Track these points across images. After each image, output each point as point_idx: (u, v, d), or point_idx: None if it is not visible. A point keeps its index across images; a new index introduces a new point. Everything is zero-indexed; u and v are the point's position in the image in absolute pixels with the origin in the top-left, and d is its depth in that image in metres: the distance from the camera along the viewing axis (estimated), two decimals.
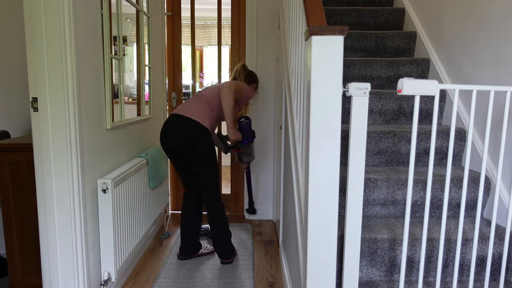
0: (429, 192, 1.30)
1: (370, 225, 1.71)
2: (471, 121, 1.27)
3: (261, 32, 3.16)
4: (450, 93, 2.18)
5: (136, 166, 2.25)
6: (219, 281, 2.22)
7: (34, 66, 1.60)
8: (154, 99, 2.92)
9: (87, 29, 1.78)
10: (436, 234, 1.64)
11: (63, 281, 1.75)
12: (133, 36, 2.53)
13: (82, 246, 1.75)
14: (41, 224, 1.70)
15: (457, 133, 1.98)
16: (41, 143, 1.65)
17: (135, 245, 2.27)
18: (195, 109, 2.31)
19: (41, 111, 1.63)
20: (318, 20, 1.33)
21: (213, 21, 5.46)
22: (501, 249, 1.61)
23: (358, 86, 1.25)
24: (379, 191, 1.79)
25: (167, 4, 3.25)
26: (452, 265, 1.63)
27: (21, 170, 1.91)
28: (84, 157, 1.77)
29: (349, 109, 2.17)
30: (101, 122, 1.95)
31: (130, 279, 2.26)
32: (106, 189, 1.86)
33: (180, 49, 3.32)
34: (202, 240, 2.81)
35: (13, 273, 1.99)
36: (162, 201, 2.97)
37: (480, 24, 1.94)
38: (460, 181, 1.80)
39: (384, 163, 2.00)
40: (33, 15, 1.57)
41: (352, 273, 1.36)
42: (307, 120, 1.39)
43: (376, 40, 2.65)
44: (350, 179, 1.31)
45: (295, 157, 1.85)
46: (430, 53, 2.43)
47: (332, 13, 2.83)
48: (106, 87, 1.98)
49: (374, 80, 2.45)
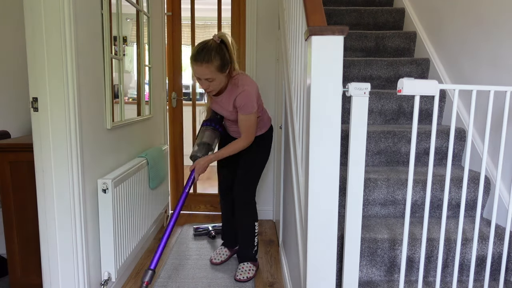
0: (429, 192, 1.30)
1: (370, 225, 1.71)
2: (471, 121, 1.27)
3: (261, 32, 3.16)
4: (450, 93, 2.18)
5: (136, 166, 2.25)
6: (219, 281, 2.22)
7: (34, 66, 1.60)
8: (154, 99, 2.92)
9: (87, 29, 1.78)
10: (436, 234, 1.64)
11: (63, 281, 1.75)
12: (133, 36, 2.53)
13: (82, 246, 1.75)
14: (41, 224, 1.70)
15: (457, 133, 1.98)
16: (41, 143, 1.65)
17: (135, 245, 2.27)
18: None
19: (41, 111, 1.63)
20: (318, 20, 1.33)
21: (213, 21, 5.46)
22: (501, 249, 1.61)
23: (358, 86, 1.25)
24: (379, 191, 1.79)
25: (167, 4, 3.25)
26: (452, 265, 1.63)
27: (21, 170, 1.91)
28: (84, 157, 1.77)
29: (349, 109, 2.17)
30: (101, 122, 1.95)
31: (130, 279, 2.26)
32: (106, 189, 1.86)
33: (180, 49, 3.32)
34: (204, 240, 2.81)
35: (13, 273, 1.99)
36: (162, 201, 2.97)
37: (480, 24, 1.94)
38: (460, 181, 1.80)
39: (384, 163, 2.00)
40: (33, 15, 1.57)
41: (352, 273, 1.36)
42: (307, 120, 1.39)
43: (376, 40, 2.65)
44: (350, 179, 1.31)
45: (295, 157, 1.85)
46: (430, 53, 2.43)
47: (332, 13, 2.83)
48: (106, 87, 1.98)
49: (374, 80, 2.45)
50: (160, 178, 2.73)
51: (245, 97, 1.92)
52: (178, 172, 3.49)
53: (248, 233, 2.27)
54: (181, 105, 3.40)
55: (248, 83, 1.96)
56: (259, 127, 2.20)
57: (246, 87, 1.92)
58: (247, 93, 1.91)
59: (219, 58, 1.82)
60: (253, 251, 2.32)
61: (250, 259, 2.32)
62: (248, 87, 1.94)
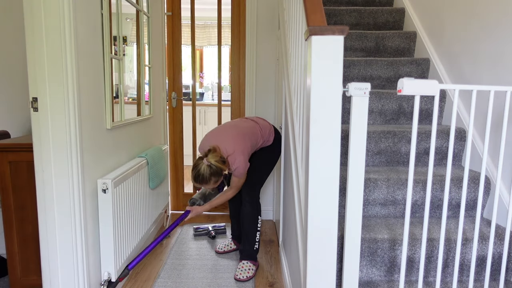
0: (429, 192, 1.30)
1: (370, 225, 1.71)
2: (471, 121, 1.27)
3: (261, 32, 3.16)
4: (450, 93, 2.18)
5: (136, 166, 2.25)
6: (219, 281, 2.22)
7: (34, 66, 1.60)
8: (154, 99, 2.92)
9: (87, 29, 1.77)
10: (436, 234, 1.64)
11: (63, 281, 1.75)
12: (133, 36, 2.53)
13: (82, 246, 1.75)
14: (41, 224, 1.70)
15: (457, 133, 1.98)
16: (41, 143, 1.65)
17: (135, 245, 2.27)
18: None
19: (41, 111, 1.63)
20: (318, 20, 1.33)
21: (213, 21, 5.46)
22: (501, 249, 1.61)
23: (358, 86, 1.25)
24: (379, 191, 1.79)
25: (167, 4, 3.25)
26: (452, 265, 1.63)
27: (21, 170, 1.91)
28: (84, 157, 1.77)
29: (349, 109, 2.17)
30: (101, 122, 1.95)
31: (130, 279, 2.26)
32: (106, 189, 1.86)
33: (180, 49, 3.32)
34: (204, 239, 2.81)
35: (13, 273, 1.99)
36: (162, 201, 2.97)
37: (480, 24, 1.94)
38: (460, 181, 1.80)
39: (384, 163, 2.00)
40: (33, 15, 1.57)
41: (352, 273, 1.36)
42: (307, 120, 1.39)
43: (376, 40, 2.65)
44: (350, 179, 1.31)
45: (295, 157, 1.85)
46: (430, 53, 2.43)
47: (332, 13, 2.83)
48: (106, 87, 1.98)
49: (374, 80, 2.45)
50: (160, 178, 2.73)
51: (240, 170, 2.17)
52: (178, 172, 3.49)
53: (251, 228, 2.34)
54: (181, 105, 3.40)
55: (236, 159, 2.14)
56: (264, 143, 2.39)
57: (236, 164, 2.15)
58: (239, 169, 2.16)
59: (213, 176, 2.10)
60: (254, 248, 2.36)
61: (251, 256, 2.36)
62: (237, 163, 2.15)
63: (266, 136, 2.36)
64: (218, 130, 2.29)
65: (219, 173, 2.11)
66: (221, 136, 2.23)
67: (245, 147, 2.17)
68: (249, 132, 2.25)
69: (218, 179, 2.14)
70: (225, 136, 2.21)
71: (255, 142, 2.27)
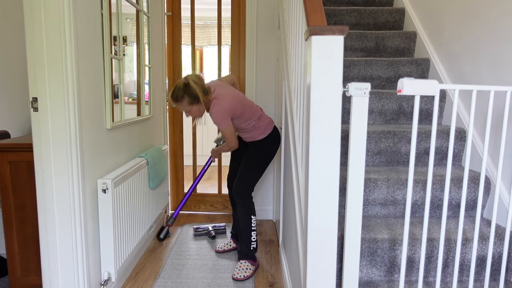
0: (429, 192, 1.30)
1: (370, 225, 1.71)
2: (471, 121, 1.27)
3: (261, 32, 3.16)
4: (450, 93, 2.18)
5: (136, 166, 2.25)
6: (219, 281, 2.22)
7: (34, 66, 1.60)
8: (154, 99, 2.92)
9: (87, 29, 1.78)
10: (436, 234, 1.64)
11: (63, 281, 1.75)
12: (133, 36, 2.53)
13: (82, 246, 1.75)
14: (41, 224, 1.70)
15: (457, 133, 1.98)
16: (41, 143, 1.65)
17: (135, 245, 2.27)
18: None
19: (41, 111, 1.63)
20: (318, 20, 1.33)
21: (213, 21, 5.46)
22: (501, 249, 1.61)
23: (358, 86, 1.25)
24: (379, 191, 1.79)
25: (167, 4, 3.25)
26: (452, 265, 1.63)
27: (21, 170, 1.91)
28: (84, 157, 1.77)
29: (349, 109, 2.17)
30: (101, 122, 1.95)
31: (130, 279, 2.26)
32: (106, 189, 1.86)
33: (180, 49, 3.32)
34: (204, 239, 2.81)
35: (13, 273, 1.99)
36: (162, 201, 2.97)
37: (480, 24, 1.94)
38: (460, 181, 1.80)
39: (384, 163, 2.00)
40: (33, 14, 1.57)
41: (352, 273, 1.36)
42: (307, 120, 1.39)
43: (376, 40, 2.65)
44: (350, 179, 1.31)
45: (295, 157, 1.85)
46: (430, 53, 2.43)
47: (332, 13, 2.83)
48: (106, 87, 1.98)
49: (374, 80, 2.45)
50: (160, 178, 2.73)
51: (215, 118, 2.16)
52: (178, 172, 3.49)
53: (246, 228, 2.34)
54: None
55: (218, 104, 2.14)
56: (256, 133, 2.32)
57: (215, 108, 2.14)
58: (216, 114, 2.14)
59: (186, 95, 2.13)
60: (250, 248, 2.36)
61: (248, 256, 2.35)
62: (217, 107, 2.13)
63: (263, 125, 2.31)
64: (227, 84, 2.35)
65: (195, 96, 2.12)
66: (224, 86, 2.28)
67: (234, 105, 2.17)
68: (249, 103, 2.27)
69: (193, 104, 2.15)
70: (227, 88, 2.26)
71: (248, 116, 2.25)
